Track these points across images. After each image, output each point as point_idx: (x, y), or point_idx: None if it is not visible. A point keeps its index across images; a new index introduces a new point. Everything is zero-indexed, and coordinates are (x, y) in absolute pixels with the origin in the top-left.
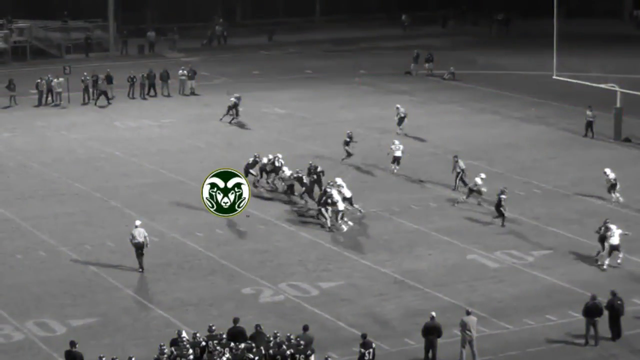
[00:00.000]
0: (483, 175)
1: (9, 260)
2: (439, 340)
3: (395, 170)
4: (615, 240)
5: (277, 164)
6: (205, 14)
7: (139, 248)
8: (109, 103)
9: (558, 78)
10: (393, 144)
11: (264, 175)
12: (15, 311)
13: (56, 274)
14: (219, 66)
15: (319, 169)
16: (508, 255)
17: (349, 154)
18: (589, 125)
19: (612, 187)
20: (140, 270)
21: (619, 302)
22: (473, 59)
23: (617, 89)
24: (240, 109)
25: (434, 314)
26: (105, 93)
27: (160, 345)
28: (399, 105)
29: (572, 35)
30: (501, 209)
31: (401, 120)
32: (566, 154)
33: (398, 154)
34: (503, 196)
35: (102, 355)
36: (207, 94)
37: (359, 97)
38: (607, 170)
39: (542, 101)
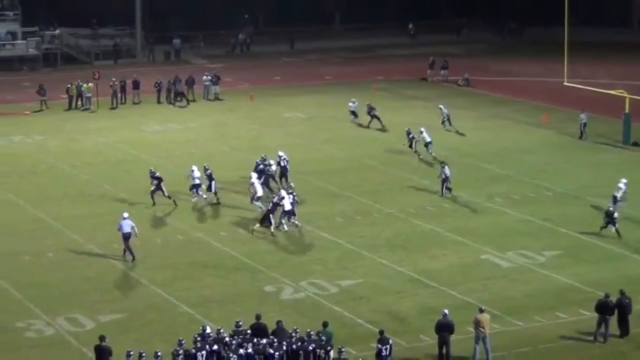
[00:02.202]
0: (624, 180)
1: (40, 258)
2: (454, 337)
3: (433, 153)
4: None
5: (282, 163)
6: (229, 22)
7: (127, 239)
8: (188, 103)
9: (569, 84)
10: (421, 132)
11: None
12: (46, 307)
13: (85, 271)
14: (242, 72)
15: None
16: (520, 255)
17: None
18: (584, 127)
19: None
20: (132, 259)
21: (627, 300)
22: (486, 66)
23: (625, 95)
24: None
25: (446, 311)
26: (182, 94)
27: (180, 340)
28: (442, 106)
29: (583, 43)
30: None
31: (447, 118)
32: (576, 158)
33: (428, 139)
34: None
35: (130, 350)
36: (230, 99)
37: (376, 102)
38: None
39: (552, 107)
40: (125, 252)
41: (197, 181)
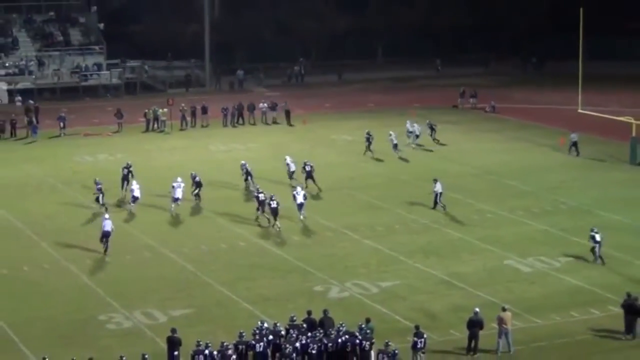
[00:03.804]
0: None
1: (120, 259)
2: (481, 333)
3: (399, 154)
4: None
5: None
6: (286, 55)
7: (107, 236)
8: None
9: (583, 112)
10: (390, 135)
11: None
12: (125, 302)
13: (159, 271)
14: (297, 100)
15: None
16: (538, 260)
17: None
18: (574, 144)
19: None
20: (105, 253)
21: (632, 302)
22: (511, 95)
23: (633, 121)
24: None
25: (477, 309)
26: (288, 113)
27: (240, 332)
28: (409, 122)
29: (595, 76)
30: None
31: (416, 135)
32: (589, 176)
33: (395, 141)
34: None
35: (199, 340)
36: (285, 124)
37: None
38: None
39: (568, 131)
40: (105, 247)
41: (136, 193)
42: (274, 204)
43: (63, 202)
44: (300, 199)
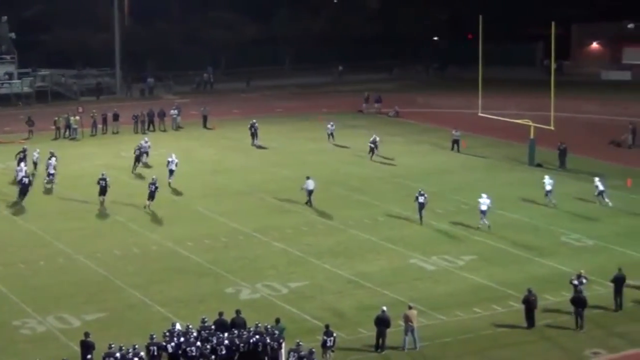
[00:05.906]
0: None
1: (33, 266)
2: (388, 330)
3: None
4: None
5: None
6: (195, 64)
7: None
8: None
9: (483, 115)
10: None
11: None
12: (39, 308)
13: (72, 277)
14: (206, 106)
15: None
16: (442, 259)
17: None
18: (455, 142)
19: (600, 193)
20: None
21: (533, 297)
22: (414, 100)
23: (530, 123)
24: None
25: (384, 308)
26: (205, 117)
27: (151, 335)
28: (331, 124)
29: (495, 80)
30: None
31: (331, 134)
32: (489, 177)
33: (257, 139)
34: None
35: (111, 344)
36: (196, 129)
37: (321, 131)
38: (596, 179)
39: (469, 134)
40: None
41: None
42: (152, 188)
43: None
44: (172, 166)
